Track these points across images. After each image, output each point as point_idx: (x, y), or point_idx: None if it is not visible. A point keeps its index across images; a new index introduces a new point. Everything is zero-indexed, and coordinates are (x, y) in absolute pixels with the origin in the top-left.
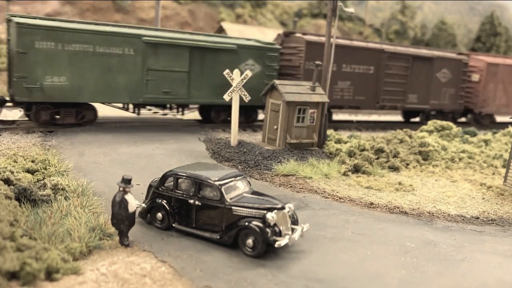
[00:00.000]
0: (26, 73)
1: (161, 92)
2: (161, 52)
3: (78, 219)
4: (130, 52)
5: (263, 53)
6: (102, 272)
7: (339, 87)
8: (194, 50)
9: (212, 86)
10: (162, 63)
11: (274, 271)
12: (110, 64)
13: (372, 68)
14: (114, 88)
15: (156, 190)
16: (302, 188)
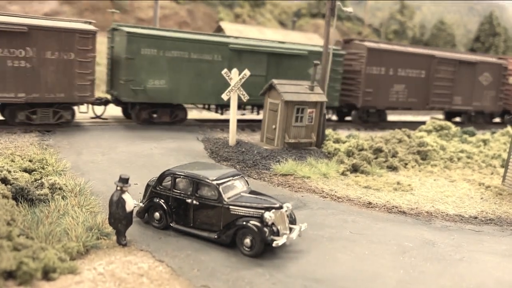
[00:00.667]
0: (132, 77)
1: None
2: (244, 58)
3: (75, 219)
4: (218, 58)
5: None
6: (99, 272)
7: (395, 90)
8: (271, 56)
9: None
10: (244, 69)
11: (272, 270)
12: (202, 69)
13: (424, 72)
14: (204, 90)
15: (154, 190)
16: (300, 188)
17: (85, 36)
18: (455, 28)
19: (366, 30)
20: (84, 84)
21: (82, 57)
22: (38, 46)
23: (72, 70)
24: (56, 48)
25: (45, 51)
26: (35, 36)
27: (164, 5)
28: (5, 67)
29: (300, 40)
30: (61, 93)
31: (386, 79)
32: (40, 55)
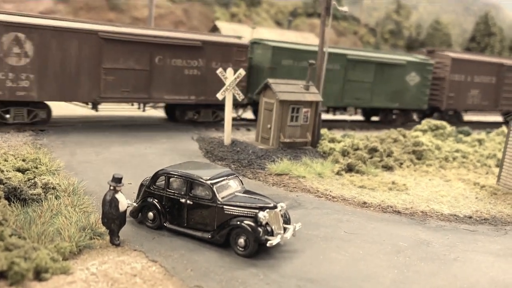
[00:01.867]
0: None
1: (354, 98)
2: (357, 67)
3: (68, 218)
4: (337, 67)
5: (422, 67)
6: (92, 272)
7: (471, 94)
8: (378, 65)
9: (386, 93)
10: (357, 76)
11: (266, 270)
12: (326, 76)
13: (494, 79)
14: (327, 94)
15: (148, 189)
16: (295, 187)
17: (241, 49)
18: (451, 28)
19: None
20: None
21: (237, 66)
22: (207, 57)
23: None
24: (219, 59)
25: (211, 62)
26: (206, 50)
27: (159, 4)
28: (183, 75)
29: (295, 39)
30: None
31: (465, 85)
32: (208, 65)
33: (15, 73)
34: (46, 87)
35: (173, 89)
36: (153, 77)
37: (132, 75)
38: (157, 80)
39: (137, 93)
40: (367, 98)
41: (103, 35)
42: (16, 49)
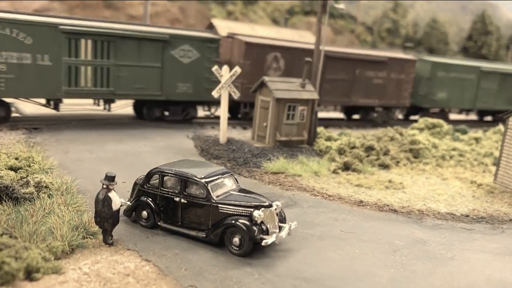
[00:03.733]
0: (429, 91)
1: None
2: (490, 77)
3: (61, 217)
4: (472, 76)
5: None
6: (84, 272)
7: None
8: (482, 73)
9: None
10: (489, 85)
11: (261, 270)
12: (463, 85)
13: None
14: (464, 98)
15: (141, 188)
16: (291, 186)
17: (411, 63)
18: (448, 26)
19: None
20: (406, 94)
21: (407, 77)
22: (388, 70)
23: (402, 85)
24: (397, 71)
25: (391, 73)
26: (388, 64)
27: (155, 2)
28: (372, 83)
29: (292, 37)
30: (393, 100)
31: None
32: (388, 76)
33: None
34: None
35: (365, 94)
36: (354, 85)
37: (341, 84)
38: (356, 88)
39: (342, 97)
40: (493, 102)
41: (328, 54)
42: (274, 64)
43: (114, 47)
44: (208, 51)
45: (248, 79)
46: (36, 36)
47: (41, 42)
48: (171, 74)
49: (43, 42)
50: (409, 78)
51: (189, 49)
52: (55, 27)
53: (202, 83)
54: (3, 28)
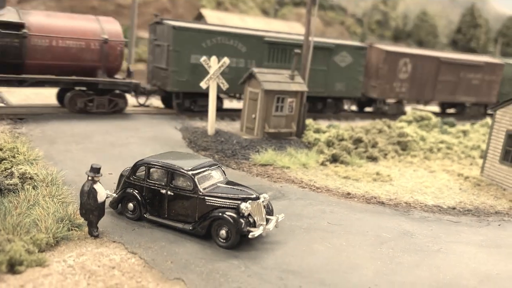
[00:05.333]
0: (510, 89)
1: None
2: None
3: (46, 209)
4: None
5: None
6: (69, 264)
7: None
8: None
9: None
10: None
11: (248, 262)
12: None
13: None
14: None
15: (128, 180)
16: (279, 178)
17: (499, 66)
18: (437, 19)
19: (349, 20)
20: (494, 93)
21: (496, 78)
22: (483, 72)
23: (492, 85)
24: (488, 73)
25: (485, 75)
26: (483, 68)
27: None
28: (471, 84)
29: (282, 28)
30: (484, 97)
31: None
32: (483, 77)
33: (402, 83)
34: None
35: (465, 93)
36: (458, 86)
37: (449, 84)
38: (460, 87)
39: (448, 95)
40: None
41: (441, 59)
42: (404, 68)
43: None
44: (359, 56)
45: (385, 80)
46: (248, 45)
47: (251, 50)
48: (332, 76)
49: (252, 50)
50: (497, 79)
51: (346, 55)
52: (261, 38)
53: (353, 82)
54: (229, 40)
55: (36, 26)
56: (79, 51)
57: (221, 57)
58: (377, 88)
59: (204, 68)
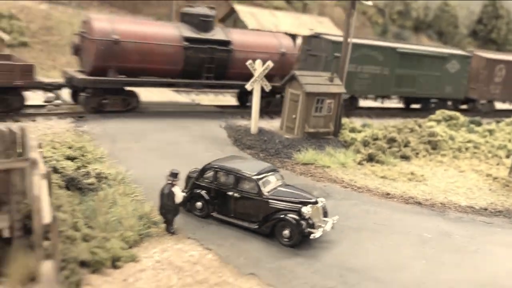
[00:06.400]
0: None
1: None
2: None
3: (125, 208)
4: None
5: None
6: (157, 260)
7: None
8: None
9: None
10: None
11: (310, 260)
12: None
13: None
14: None
15: (196, 181)
16: (322, 177)
17: None
18: (458, 9)
19: (371, 10)
20: None
21: None
22: None
23: None
24: None
25: None
26: None
27: None
28: None
29: (311, 23)
30: None
31: None
32: None
33: (496, 86)
34: None
35: None
36: None
37: None
38: None
39: None
40: None
41: None
42: (499, 73)
43: (419, 62)
44: (465, 64)
45: (483, 83)
46: (384, 55)
47: (386, 59)
48: (443, 80)
49: (387, 59)
50: None
51: (455, 63)
52: (394, 49)
53: (459, 86)
54: (370, 51)
55: (237, 42)
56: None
57: (364, 65)
58: (476, 90)
59: (352, 73)
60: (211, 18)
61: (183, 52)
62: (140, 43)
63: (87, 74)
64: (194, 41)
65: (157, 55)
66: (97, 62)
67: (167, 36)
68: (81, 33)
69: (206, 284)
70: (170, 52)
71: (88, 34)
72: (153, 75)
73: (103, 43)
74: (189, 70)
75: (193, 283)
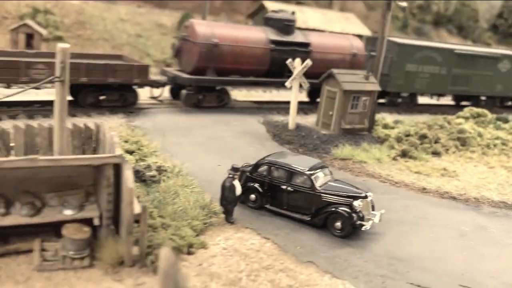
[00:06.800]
0: None
1: None
2: None
3: (187, 199)
4: None
5: None
6: (223, 247)
7: None
8: None
9: None
10: None
11: (360, 250)
12: None
13: None
14: None
15: (250, 175)
16: (360, 172)
17: None
18: (478, 3)
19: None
20: None
21: None
22: None
23: None
24: None
25: None
26: None
27: None
28: None
29: (338, 19)
30: None
31: None
32: None
33: None
34: None
35: None
36: None
37: None
38: None
39: None
40: None
41: None
42: None
43: (473, 62)
44: None
45: None
46: (443, 56)
47: (444, 59)
48: (495, 79)
49: (445, 59)
50: None
51: (506, 63)
52: (452, 50)
53: (508, 84)
54: (431, 52)
55: (315, 44)
56: (338, 61)
57: (425, 66)
58: None
59: (414, 73)
60: (293, 23)
61: (269, 54)
62: (235, 45)
63: (187, 73)
64: (279, 43)
65: (248, 56)
66: (199, 63)
67: (256, 39)
68: (183, 36)
69: (272, 269)
70: (259, 54)
71: (192, 38)
72: (243, 75)
73: (205, 46)
74: (273, 70)
75: (260, 269)
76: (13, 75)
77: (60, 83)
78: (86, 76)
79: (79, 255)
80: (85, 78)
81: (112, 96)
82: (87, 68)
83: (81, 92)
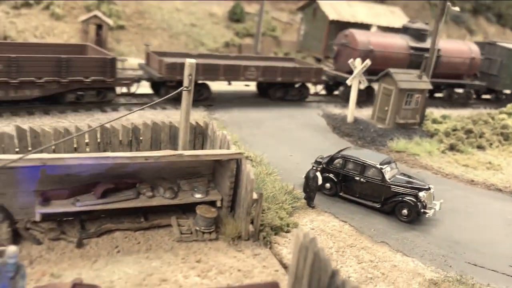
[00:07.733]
0: None
1: None
2: None
3: (274, 185)
4: None
5: None
6: (310, 227)
7: None
8: None
9: None
10: None
11: (424, 233)
12: None
13: None
14: None
15: (326, 167)
16: (414, 164)
17: None
18: None
19: None
20: None
21: None
22: None
23: None
24: None
25: None
26: None
27: None
28: None
29: (383, 13)
30: None
31: None
32: None
33: None
34: None
35: None
36: None
37: None
38: None
39: None
40: None
41: None
42: None
43: None
44: None
45: None
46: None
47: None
48: None
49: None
50: None
51: None
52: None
53: None
54: None
55: (443, 49)
56: (460, 64)
57: None
58: None
59: None
60: (426, 32)
61: (408, 58)
62: (384, 51)
63: (345, 73)
64: (416, 49)
65: (393, 59)
66: None
67: (399, 46)
68: (342, 43)
69: (355, 247)
70: (401, 57)
71: (352, 45)
72: None
73: (364, 52)
74: None
75: (345, 246)
76: (235, 75)
77: (187, 92)
78: (281, 77)
79: (208, 230)
80: (280, 78)
81: (293, 91)
82: (282, 71)
83: (271, 88)
